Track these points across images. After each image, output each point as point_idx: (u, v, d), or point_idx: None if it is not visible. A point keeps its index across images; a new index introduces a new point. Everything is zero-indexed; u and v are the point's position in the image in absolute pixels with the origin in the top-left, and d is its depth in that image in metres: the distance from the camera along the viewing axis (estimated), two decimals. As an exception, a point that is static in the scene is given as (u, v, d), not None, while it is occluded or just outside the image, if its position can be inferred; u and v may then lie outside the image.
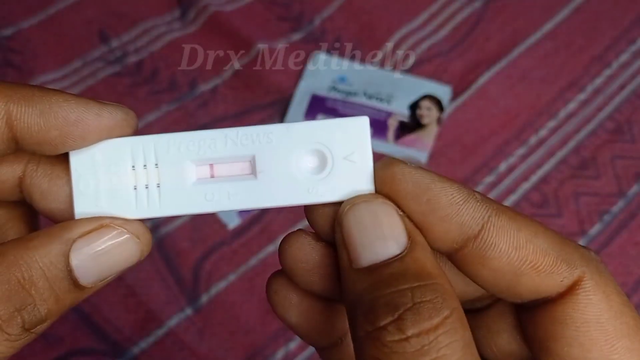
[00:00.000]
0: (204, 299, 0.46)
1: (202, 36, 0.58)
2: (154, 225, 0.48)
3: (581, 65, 0.58)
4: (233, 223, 0.49)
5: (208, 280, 0.47)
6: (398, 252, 0.16)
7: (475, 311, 0.19)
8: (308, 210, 0.18)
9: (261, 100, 0.55)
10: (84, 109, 0.17)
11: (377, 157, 0.18)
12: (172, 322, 0.45)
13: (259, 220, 0.49)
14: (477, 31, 0.60)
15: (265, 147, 0.17)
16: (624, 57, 0.58)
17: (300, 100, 0.55)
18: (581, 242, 0.49)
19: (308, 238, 0.18)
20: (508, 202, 0.50)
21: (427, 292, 0.15)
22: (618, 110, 0.55)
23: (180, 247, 0.48)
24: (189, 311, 0.45)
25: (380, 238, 0.16)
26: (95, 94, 0.55)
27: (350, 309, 0.16)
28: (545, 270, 0.16)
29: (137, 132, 0.19)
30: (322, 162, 0.18)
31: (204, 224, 0.49)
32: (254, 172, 0.18)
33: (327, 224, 0.18)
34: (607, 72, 0.57)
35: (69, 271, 0.17)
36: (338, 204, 0.17)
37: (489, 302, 0.19)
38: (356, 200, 0.17)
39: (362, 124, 0.18)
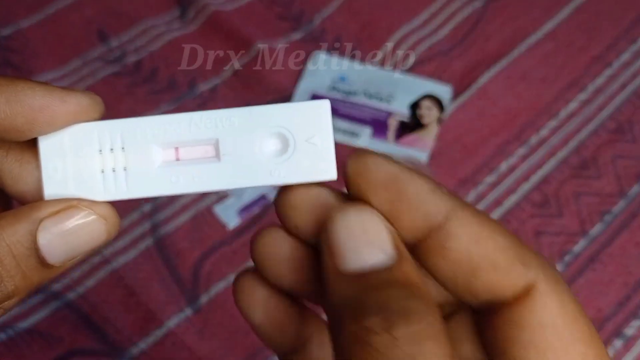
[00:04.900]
0: (204, 299, 0.46)
1: (202, 36, 0.58)
2: (154, 225, 0.48)
3: (582, 65, 0.58)
4: (233, 223, 0.49)
5: (208, 281, 0.46)
6: (385, 261, 0.16)
7: None
8: (278, 205, 0.18)
9: (261, 100, 0.55)
10: (50, 95, 0.17)
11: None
12: (172, 322, 0.45)
13: (259, 221, 0.49)
14: (477, 31, 0.60)
15: (229, 131, 0.18)
16: (625, 57, 0.58)
17: (300, 100, 0.55)
18: (582, 242, 0.49)
19: (280, 232, 0.18)
20: (509, 202, 0.50)
21: (414, 301, 0.15)
22: (619, 110, 0.55)
23: (179, 247, 0.48)
24: (188, 311, 0.45)
25: (368, 245, 0.16)
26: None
27: (332, 312, 0.16)
28: (502, 268, 0.16)
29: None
30: (285, 145, 0.18)
31: (204, 224, 0.49)
32: (217, 155, 0.18)
33: (301, 219, 0.18)
34: (608, 72, 0.57)
35: (36, 249, 0.17)
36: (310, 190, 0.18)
37: (451, 310, 0.19)
38: (346, 207, 0.16)
39: (323, 107, 0.18)
